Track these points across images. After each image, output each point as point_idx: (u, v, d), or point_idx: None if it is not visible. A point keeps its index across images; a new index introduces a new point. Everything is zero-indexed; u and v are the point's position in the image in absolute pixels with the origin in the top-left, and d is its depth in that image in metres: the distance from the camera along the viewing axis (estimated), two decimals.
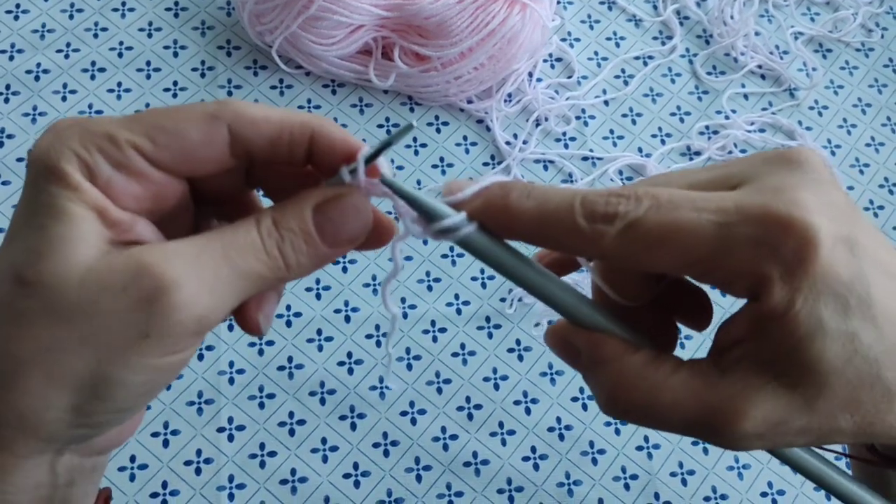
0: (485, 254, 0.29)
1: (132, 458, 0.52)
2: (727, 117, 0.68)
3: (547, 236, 0.28)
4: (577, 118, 0.66)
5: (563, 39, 0.69)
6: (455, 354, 0.57)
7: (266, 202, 0.31)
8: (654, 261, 0.27)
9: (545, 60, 0.68)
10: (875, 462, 0.32)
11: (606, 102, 0.67)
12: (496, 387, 0.57)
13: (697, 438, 0.29)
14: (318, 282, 0.58)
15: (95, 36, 0.64)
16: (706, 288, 0.31)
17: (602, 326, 0.29)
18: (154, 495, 0.51)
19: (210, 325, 0.26)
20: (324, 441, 0.54)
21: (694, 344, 0.58)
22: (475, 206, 0.29)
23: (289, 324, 0.56)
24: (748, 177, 0.28)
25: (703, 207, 0.26)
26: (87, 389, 0.25)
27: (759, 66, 0.71)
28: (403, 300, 0.58)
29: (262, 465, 0.53)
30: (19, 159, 0.59)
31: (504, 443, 0.55)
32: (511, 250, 0.29)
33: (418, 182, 0.62)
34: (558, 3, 0.70)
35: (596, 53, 0.69)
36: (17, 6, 0.65)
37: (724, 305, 0.57)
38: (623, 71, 0.69)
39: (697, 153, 0.66)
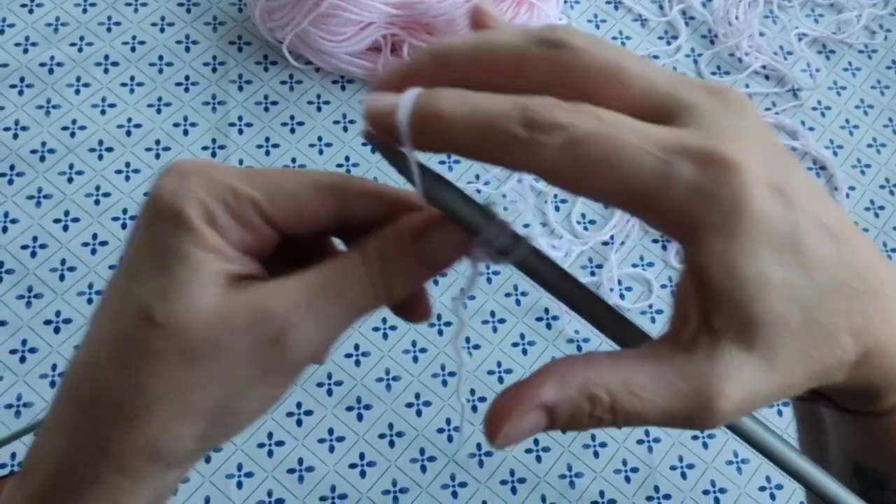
0: (535, 270, 0.29)
1: None
2: None
3: (482, 146, 0.26)
4: None
5: None
6: (461, 347, 0.58)
7: None
8: (592, 184, 0.26)
9: None
10: (804, 398, 0.31)
11: None
12: (500, 380, 0.58)
13: (675, 427, 0.28)
14: None
15: (109, 30, 0.65)
16: None
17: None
18: None
19: (324, 356, 0.29)
20: (330, 431, 0.55)
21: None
22: (403, 118, 0.27)
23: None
24: (690, 109, 0.27)
25: (647, 139, 0.25)
26: (212, 420, 0.27)
27: (763, 67, 0.71)
28: None
29: (270, 454, 0.54)
30: (33, 151, 0.60)
31: None
32: (557, 268, 0.29)
33: None
34: (565, 2, 0.71)
35: None
36: None
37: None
38: None
39: None
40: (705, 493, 0.56)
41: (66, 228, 0.58)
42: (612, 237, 0.63)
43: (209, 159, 0.23)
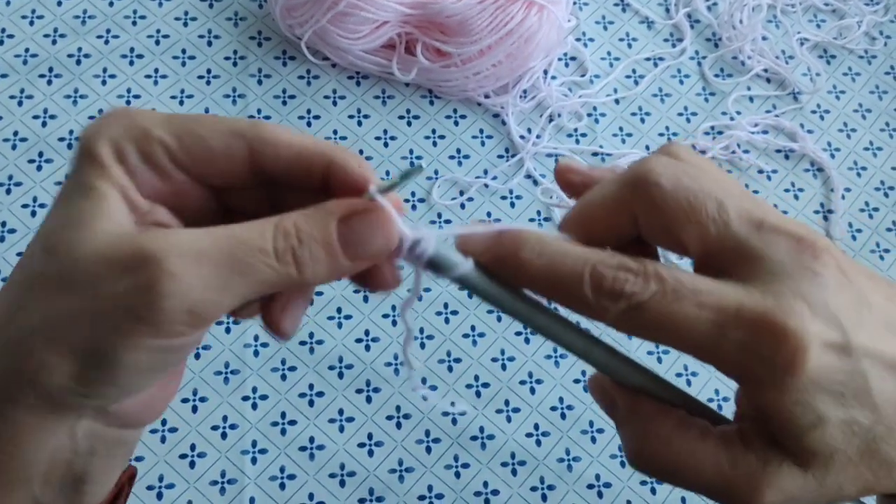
0: (487, 294, 0.30)
1: (163, 422, 0.56)
2: (732, 118, 0.71)
3: (553, 296, 0.29)
4: (589, 115, 0.70)
5: (578, 39, 0.72)
6: (465, 335, 0.61)
7: None
8: (652, 338, 0.29)
9: (560, 59, 0.71)
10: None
11: (617, 101, 0.71)
12: (503, 367, 0.60)
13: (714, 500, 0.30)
14: None
15: (134, 23, 0.68)
16: None
17: (639, 385, 0.31)
18: (183, 456, 0.55)
19: (206, 318, 0.26)
20: (341, 412, 0.58)
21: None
22: (484, 253, 0.29)
23: (311, 301, 0.60)
24: (759, 263, 0.28)
25: (705, 304, 0.27)
26: (86, 360, 0.26)
27: (765, 70, 0.74)
28: None
29: (283, 432, 0.57)
30: (61, 139, 0.63)
31: (509, 419, 0.59)
32: (521, 295, 0.30)
33: (436, 172, 0.66)
34: (574, 3, 0.73)
35: (609, 53, 0.72)
36: None
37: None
38: (634, 71, 0.72)
39: (702, 152, 0.69)
40: None
41: None
42: None
43: (139, 108, 0.24)
